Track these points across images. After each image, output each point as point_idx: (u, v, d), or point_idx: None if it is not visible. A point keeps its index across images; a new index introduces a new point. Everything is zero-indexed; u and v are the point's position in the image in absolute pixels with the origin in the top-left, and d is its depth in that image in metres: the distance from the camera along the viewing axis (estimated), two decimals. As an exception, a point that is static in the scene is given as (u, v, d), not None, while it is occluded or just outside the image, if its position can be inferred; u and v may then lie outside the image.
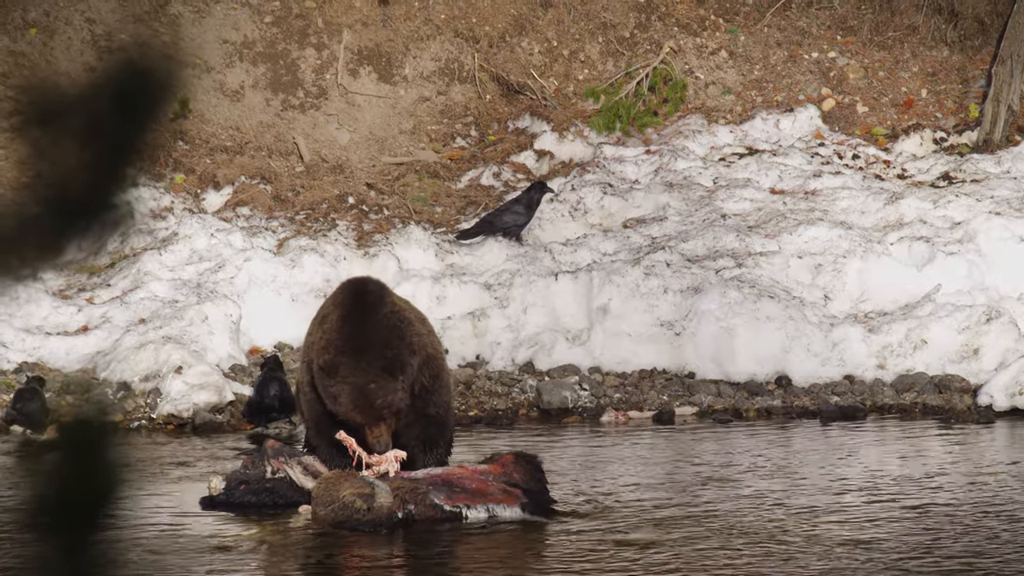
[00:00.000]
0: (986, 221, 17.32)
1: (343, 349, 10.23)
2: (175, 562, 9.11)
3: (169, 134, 18.86)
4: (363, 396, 10.19)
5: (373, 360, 10.20)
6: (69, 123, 2.75)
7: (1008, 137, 19.40)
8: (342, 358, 10.21)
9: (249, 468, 10.69)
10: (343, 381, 10.19)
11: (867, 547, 9.27)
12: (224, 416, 15.16)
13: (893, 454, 13.15)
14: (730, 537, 9.60)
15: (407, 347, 10.32)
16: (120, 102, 2.77)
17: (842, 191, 18.30)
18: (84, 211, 2.79)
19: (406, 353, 10.31)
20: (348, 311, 10.36)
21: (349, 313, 10.34)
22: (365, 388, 10.19)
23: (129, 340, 15.74)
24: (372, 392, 10.20)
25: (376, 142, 19.77)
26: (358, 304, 10.39)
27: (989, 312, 16.12)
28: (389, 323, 10.32)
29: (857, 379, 16.05)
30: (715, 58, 20.67)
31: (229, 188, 18.73)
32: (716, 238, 17.36)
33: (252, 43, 20.02)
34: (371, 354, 10.20)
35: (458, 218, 18.48)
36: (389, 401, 10.25)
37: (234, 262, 17.03)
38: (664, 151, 19.13)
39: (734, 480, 11.66)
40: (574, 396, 15.86)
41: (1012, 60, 19.58)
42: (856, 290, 16.86)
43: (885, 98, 20.22)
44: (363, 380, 10.19)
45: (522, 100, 20.29)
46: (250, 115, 19.66)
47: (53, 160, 2.76)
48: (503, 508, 10.17)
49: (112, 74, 2.77)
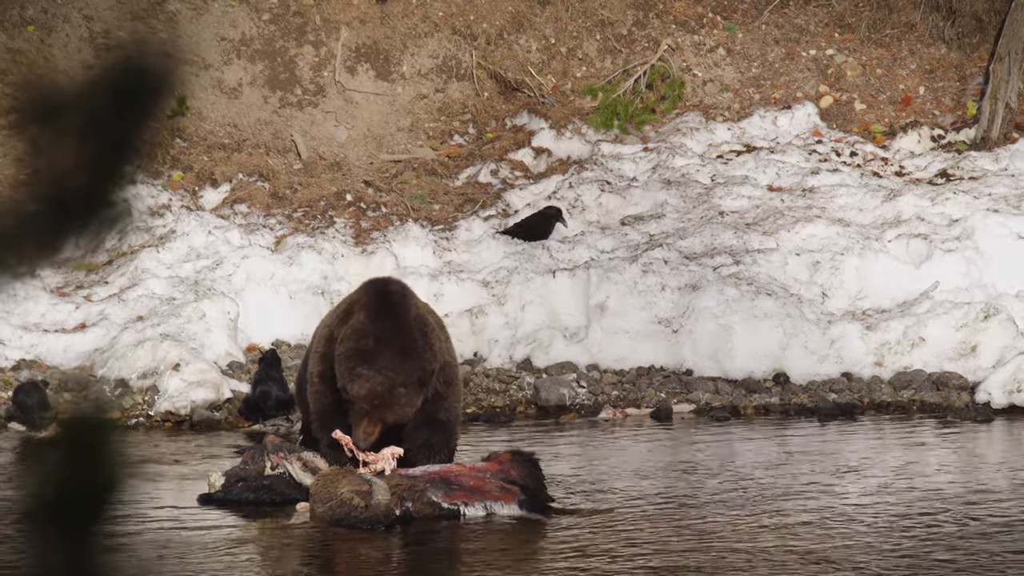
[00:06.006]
0: (984, 218, 17.32)
1: (383, 340, 10.21)
2: (173, 559, 9.11)
3: (167, 132, 18.86)
4: (389, 394, 10.18)
5: (413, 367, 10.20)
6: (67, 121, 2.75)
7: (1006, 134, 19.41)
8: (383, 349, 10.19)
9: (248, 464, 10.70)
10: (380, 371, 10.17)
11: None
12: (222, 413, 15.16)
13: (892, 452, 13.15)
14: (729, 534, 9.61)
15: (433, 356, 10.34)
16: (118, 99, 2.77)
17: (840, 188, 18.30)
18: (82, 208, 2.79)
19: (434, 363, 10.33)
20: (379, 309, 10.36)
21: (380, 311, 10.34)
22: (394, 389, 10.18)
23: (127, 337, 15.74)
24: (398, 395, 10.20)
25: (374, 139, 19.77)
26: (385, 303, 10.39)
27: (987, 309, 16.12)
28: (420, 330, 10.32)
29: (855, 376, 16.05)
30: (713, 55, 20.67)
31: (227, 185, 18.72)
32: (714, 235, 17.36)
33: (250, 40, 20.01)
34: (412, 360, 10.20)
35: (456, 215, 18.48)
36: (405, 412, 10.27)
37: (232, 259, 17.02)
38: (662, 148, 19.13)
39: (731, 477, 11.67)
40: (572, 393, 15.86)
41: (1010, 57, 19.59)
42: (854, 287, 16.86)
43: (883, 95, 20.23)
44: (399, 380, 10.18)
45: (520, 97, 20.29)
46: (248, 112, 19.66)
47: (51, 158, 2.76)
48: (501, 505, 10.18)
49: (110, 71, 2.78)
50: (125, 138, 2.77)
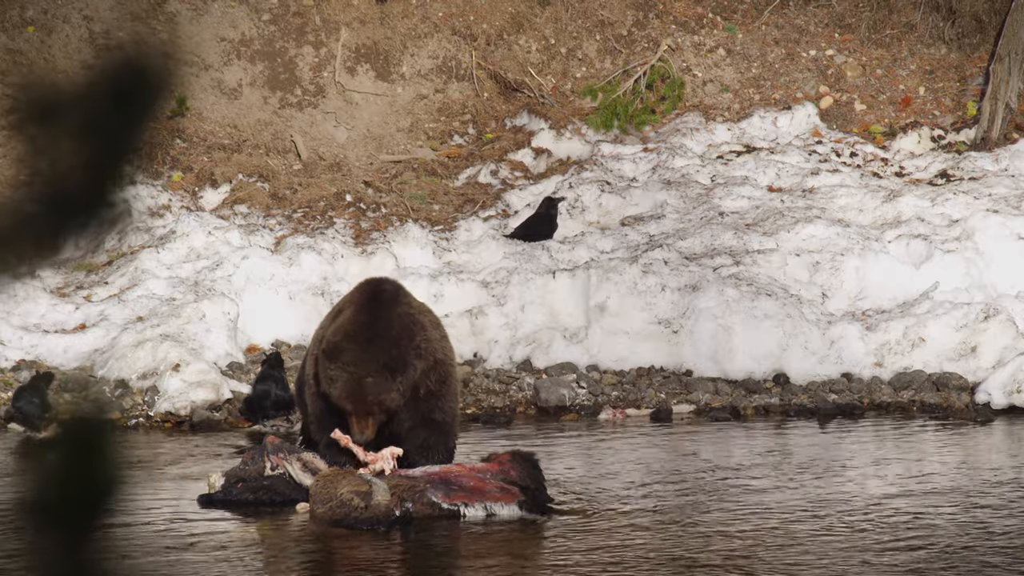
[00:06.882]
0: (984, 219, 17.32)
1: (351, 336, 10.31)
2: (173, 560, 9.11)
3: (167, 132, 18.86)
4: (358, 387, 10.26)
5: (378, 354, 10.27)
6: (67, 121, 2.75)
7: (1006, 135, 19.41)
8: (348, 344, 10.29)
9: (248, 464, 10.70)
10: (343, 368, 10.27)
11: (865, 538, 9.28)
12: (222, 414, 15.16)
13: (892, 453, 13.15)
14: (729, 533, 9.61)
15: (413, 348, 10.38)
16: (118, 100, 2.77)
17: (840, 189, 18.31)
18: (82, 209, 2.79)
19: (411, 355, 10.37)
20: (362, 306, 10.46)
21: (363, 308, 10.44)
22: (362, 380, 10.26)
23: (127, 338, 15.74)
24: (368, 386, 10.26)
25: (374, 140, 19.77)
26: (373, 301, 10.49)
27: (987, 310, 16.12)
28: (401, 323, 10.41)
29: (855, 377, 16.05)
30: (713, 56, 20.67)
31: (227, 186, 18.73)
32: (714, 236, 17.36)
33: (250, 41, 20.01)
34: (376, 348, 10.28)
35: (456, 216, 18.48)
36: (381, 399, 10.30)
37: (232, 260, 17.02)
38: (662, 149, 19.13)
39: (731, 477, 11.67)
40: (572, 394, 15.86)
41: (1010, 58, 19.59)
42: (854, 288, 16.86)
43: (883, 96, 20.23)
44: (363, 372, 10.26)
45: (520, 98, 20.29)
46: (248, 113, 19.66)
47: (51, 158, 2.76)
48: (501, 506, 10.18)
49: (110, 72, 2.77)
50: (125, 139, 2.77)
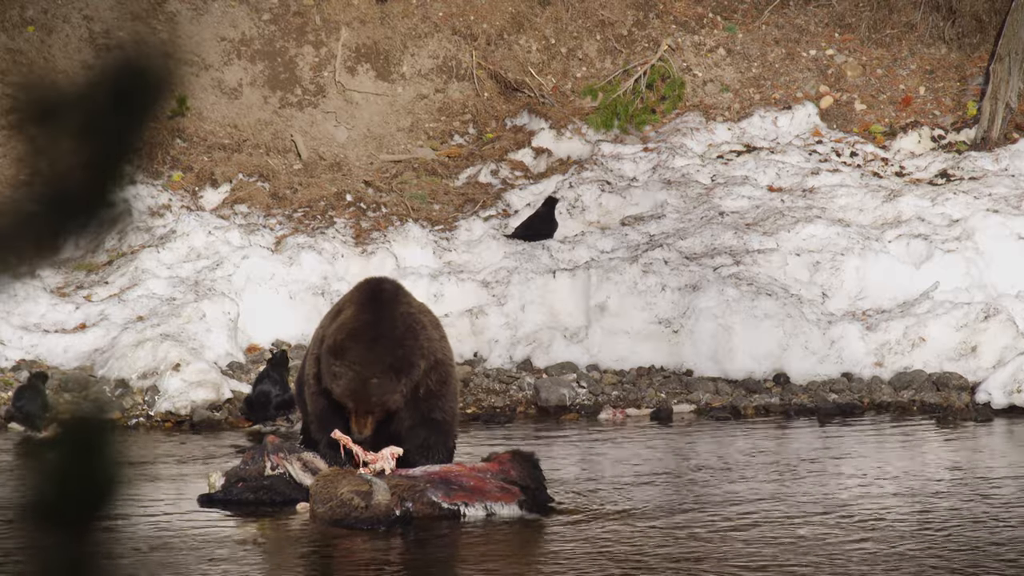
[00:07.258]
0: (984, 219, 17.32)
1: (355, 335, 10.32)
2: (173, 559, 9.11)
3: (167, 132, 18.86)
4: (363, 387, 10.27)
5: (383, 354, 10.28)
6: (67, 121, 2.75)
7: (1006, 135, 19.41)
8: (353, 343, 10.30)
9: (249, 464, 10.70)
10: (349, 366, 10.28)
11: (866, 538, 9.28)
12: (222, 413, 15.16)
13: (891, 453, 13.15)
14: (729, 534, 9.61)
15: (417, 348, 10.40)
16: (118, 100, 2.77)
17: (840, 189, 18.30)
18: (82, 209, 2.79)
19: (416, 355, 10.38)
20: (363, 305, 10.47)
21: (364, 307, 10.45)
22: (368, 380, 10.27)
23: (127, 338, 15.74)
24: (373, 386, 10.27)
25: (374, 140, 19.77)
26: (374, 300, 10.51)
27: (987, 309, 16.12)
28: (404, 323, 10.42)
29: (855, 377, 16.05)
30: (713, 56, 20.67)
31: (227, 186, 18.73)
32: (714, 236, 17.36)
33: (250, 41, 20.01)
34: (382, 347, 10.29)
35: (456, 216, 18.48)
36: (385, 400, 10.32)
37: (232, 260, 17.02)
38: (662, 149, 19.13)
39: (731, 477, 11.67)
40: (572, 394, 15.86)
41: (1010, 58, 19.59)
42: (854, 288, 16.86)
43: (883, 96, 20.22)
44: (368, 372, 10.27)
45: (520, 98, 20.29)
46: (248, 113, 19.66)
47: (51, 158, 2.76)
48: (501, 506, 10.18)
49: (110, 72, 2.77)
50: (125, 138, 2.77)
